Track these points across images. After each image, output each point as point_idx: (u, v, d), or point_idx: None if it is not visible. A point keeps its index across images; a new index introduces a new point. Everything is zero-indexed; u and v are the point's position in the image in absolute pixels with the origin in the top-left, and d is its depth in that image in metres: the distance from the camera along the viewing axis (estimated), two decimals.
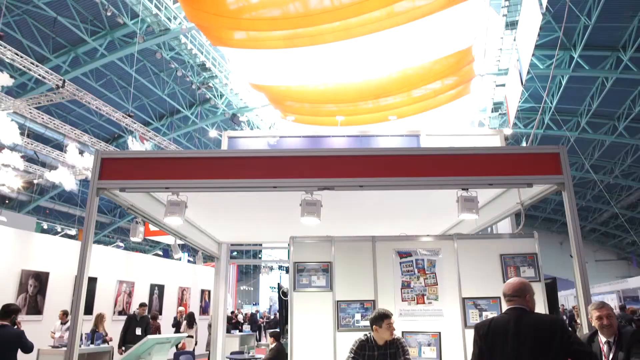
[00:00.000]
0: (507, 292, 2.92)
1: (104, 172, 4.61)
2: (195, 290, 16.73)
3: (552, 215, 31.30)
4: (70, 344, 4.20)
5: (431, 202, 6.54)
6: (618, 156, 21.14)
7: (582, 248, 4.22)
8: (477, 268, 5.26)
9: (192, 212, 6.79)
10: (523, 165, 4.54)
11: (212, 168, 4.57)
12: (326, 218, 4.91)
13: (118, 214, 28.31)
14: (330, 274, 5.29)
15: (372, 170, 4.46)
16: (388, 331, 3.68)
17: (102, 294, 12.20)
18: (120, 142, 21.16)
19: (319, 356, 5.05)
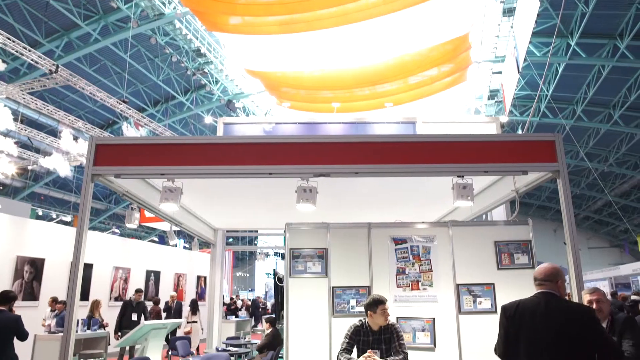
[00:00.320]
0: (538, 276, 2.87)
1: (98, 158, 4.59)
2: (191, 276, 16.80)
3: (547, 203, 31.49)
4: (67, 330, 4.22)
5: (427, 189, 6.57)
6: (613, 144, 21.23)
7: (575, 235, 4.26)
8: (472, 255, 5.31)
9: (187, 199, 6.79)
10: (518, 152, 4.55)
11: (208, 154, 4.56)
12: (322, 205, 4.92)
13: (113, 200, 28.24)
14: (326, 261, 5.32)
15: (367, 157, 4.46)
16: (383, 317, 3.71)
17: (98, 280, 12.23)
18: (115, 128, 21.03)
19: (314, 341, 5.10)
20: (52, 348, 6.32)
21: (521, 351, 2.65)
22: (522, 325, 2.69)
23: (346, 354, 3.58)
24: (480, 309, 5.13)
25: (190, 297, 16.25)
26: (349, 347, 3.69)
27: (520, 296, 3.19)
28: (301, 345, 5.11)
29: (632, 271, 24.36)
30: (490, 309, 5.11)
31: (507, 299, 5.01)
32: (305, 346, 5.10)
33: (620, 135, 20.25)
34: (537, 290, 2.84)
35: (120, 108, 16.91)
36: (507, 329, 2.77)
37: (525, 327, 2.68)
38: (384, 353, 3.63)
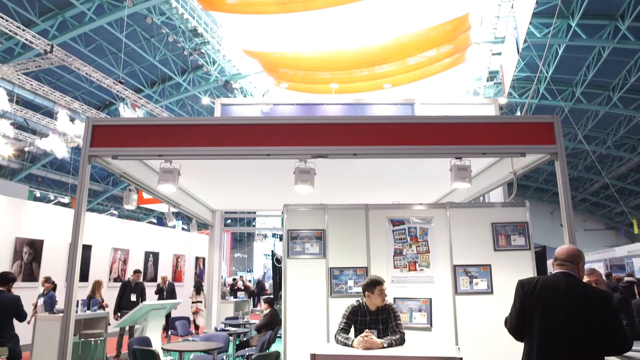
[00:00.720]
0: (560, 255, 2.86)
1: (95, 139, 4.57)
2: (190, 257, 16.89)
3: (544, 185, 31.58)
4: (67, 310, 4.25)
5: (424, 171, 6.57)
6: (611, 127, 21.20)
7: (572, 217, 4.28)
8: (469, 236, 5.34)
9: (185, 180, 6.79)
10: (517, 134, 4.55)
11: (205, 135, 4.54)
12: (320, 186, 4.93)
13: (111, 182, 28.20)
14: (324, 242, 5.34)
15: (366, 138, 4.45)
16: (380, 297, 3.75)
17: (97, 261, 12.29)
18: (112, 109, 20.87)
19: (312, 321, 5.16)
20: (52, 328, 6.38)
21: (534, 327, 2.67)
22: (539, 301, 2.70)
23: (344, 334, 3.62)
24: (476, 290, 5.18)
25: (190, 278, 16.37)
26: (346, 327, 3.73)
27: (517, 278, 3.21)
28: (299, 325, 5.17)
29: (627, 253, 24.57)
30: (487, 290, 5.16)
31: (504, 280, 5.09)
32: (303, 326, 5.16)
33: (618, 117, 20.21)
34: (557, 270, 2.83)
35: (117, 89, 16.75)
36: (522, 303, 2.77)
37: (542, 303, 2.69)
38: (381, 333, 3.67)
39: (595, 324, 2.58)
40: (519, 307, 2.80)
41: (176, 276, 15.90)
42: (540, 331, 2.65)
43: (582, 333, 2.57)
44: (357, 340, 3.37)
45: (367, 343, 3.30)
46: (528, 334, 2.72)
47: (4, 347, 5.05)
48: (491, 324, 4.94)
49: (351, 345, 3.39)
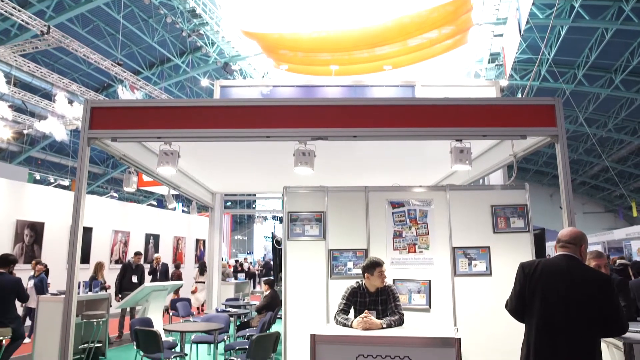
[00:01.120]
0: (562, 237, 2.86)
1: (94, 121, 4.55)
2: (190, 239, 16.98)
3: (544, 168, 31.59)
4: (69, 292, 4.29)
5: (424, 153, 6.57)
6: (612, 109, 21.11)
7: (571, 200, 4.28)
8: (468, 218, 5.35)
9: (185, 162, 6.78)
10: (518, 117, 4.52)
11: (205, 117, 4.52)
12: (320, 168, 4.92)
13: (111, 164, 28.18)
14: (324, 224, 5.36)
15: (366, 120, 4.43)
16: (379, 279, 3.77)
17: (98, 243, 12.36)
18: (110, 91, 20.75)
19: (312, 303, 5.20)
20: (55, 309, 6.45)
21: (534, 308, 2.69)
22: (540, 284, 2.72)
23: (343, 315, 3.66)
24: (475, 272, 5.21)
25: (190, 260, 16.49)
26: (346, 308, 3.76)
27: (515, 260, 3.23)
28: (299, 307, 5.22)
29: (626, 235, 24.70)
30: (485, 272, 5.20)
31: (502, 263, 5.12)
32: (303, 307, 5.21)
33: (620, 100, 20.10)
34: (559, 252, 2.84)
35: (115, 71, 16.62)
36: (523, 286, 2.79)
37: (542, 285, 2.71)
38: (380, 314, 3.71)
39: (595, 308, 2.60)
40: (519, 290, 2.81)
41: (177, 258, 16.02)
42: (540, 313, 2.67)
43: (581, 315, 2.59)
44: (356, 321, 3.40)
45: (367, 324, 3.33)
46: (528, 315, 2.74)
47: (7, 327, 5.11)
48: (489, 306, 4.99)
49: (350, 325, 3.42)
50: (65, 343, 4.21)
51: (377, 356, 3.00)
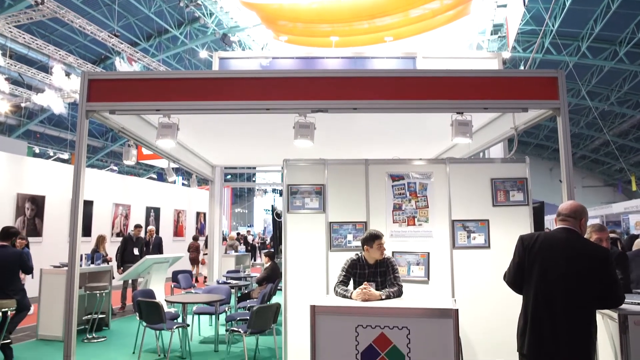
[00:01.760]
0: (563, 211, 2.86)
1: (92, 94, 4.50)
2: (191, 212, 17.06)
3: (544, 141, 31.48)
4: (71, 264, 4.33)
5: (425, 126, 6.53)
6: (616, 83, 20.88)
7: (571, 174, 4.28)
8: (468, 191, 5.36)
9: (184, 135, 6.75)
10: (519, 89, 4.48)
11: (204, 89, 4.47)
12: (319, 141, 4.90)
13: (110, 137, 28.07)
14: (323, 196, 5.37)
15: (366, 92, 4.38)
16: (379, 251, 3.80)
17: (99, 216, 12.43)
18: (108, 63, 20.48)
19: (312, 274, 5.26)
20: (58, 281, 6.53)
21: (533, 280, 2.72)
22: (539, 256, 2.74)
23: (343, 286, 3.70)
24: (474, 244, 5.25)
25: (191, 233, 16.60)
26: (345, 280, 3.81)
27: (514, 233, 3.25)
28: (299, 278, 5.28)
29: (624, 209, 24.80)
30: (484, 244, 5.24)
31: (501, 236, 5.16)
32: (303, 279, 5.27)
33: (624, 73, 19.87)
34: (559, 225, 2.85)
35: (112, 42, 16.37)
36: (522, 258, 2.81)
37: (541, 258, 2.73)
38: (379, 285, 3.75)
39: (593, 281, 2.62)
40: (518, 262, 2.84)
41: (177, 231, 16.13)
42: (538, 285, 2.70)
43: (578, 288, 2.62)
44: (355, 292, 3.44)
45: (366, 295, 3.37)
46: (526, 287, 2.77)
47: (12, 299, 5.18)
48: (488, 278, 5.05)
49: (350, 297, 3.47)
50: (70, 314, 4.28)
51: (376, 326, 3.05)
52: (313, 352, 3.11)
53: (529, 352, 2.68)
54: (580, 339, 2.58)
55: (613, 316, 2.85)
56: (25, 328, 6.84)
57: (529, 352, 2.67)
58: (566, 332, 2.58)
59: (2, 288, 5.21)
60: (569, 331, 2.58)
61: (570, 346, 2.57)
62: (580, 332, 2.59)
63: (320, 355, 3.10)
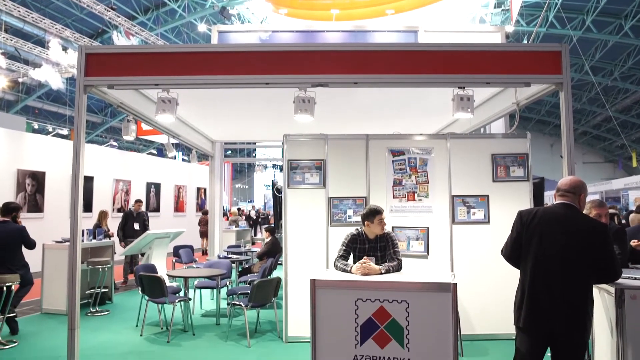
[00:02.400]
0: (562, 186, 2.86)
1: (89, 68, 4.44)
2: (191, 188, 17.09)
3: (546, 117, 31.29)
4: (73, 239, 4.35)
5: (426, 101, 6.48)
6: (620, 57, 20.63)
7: (572, 149, 4.26)
8: (468, 167, 5.36)
9: (183, 110, 6.70)
10: (522, 63, 4.41)
11: (203, 63, 4.41)
12: (320, 116, 4.86)
13: (109, 113, 27.90)
14: (324, 172, 5.37)
15: (367, 66, 4.32)
16: (379, 226, 3.81)
17: (100, 192, 12.45)
18: (105, 37, 20.19)
19: (312, 249, 5.31)
20: (61, 256, 6.58)
21: (531, 255, 2.74)
22: (537, 231, 2.75)
23: (343, 261, 3.73)
24: (473, 220, 5.28)
25: (192, 208, 16.68)
26: (345, 254, 3.83)
27: (513, 208, 3.25)
28: (300, 253, 5.33)
29: (624, 186, 24.83)
30: (483, 220, 5.27)
31: (501, 211, 5.18)
32: (304, 254, 5.32)
33: (628, 47, 19.60)
34: (558, 201, 2.85)
35: (109, 15, 16.11)
36: (520, 233, 2.82)
37: (540, 232, 2.73)
38: (379, 260, 3.78)
39: (591, 255, 2.64)
40: (515, 237, 2.85)
41: (178, 206, 16.19)
42: (536, 259, 2.71)
43: (576, 262, 2.63)
44: (355, 267, 3.47)
45: (366, 269, 3.40)
46: (524, 261, 2.79)
47: (15, 274, 5.23)
48: (486, 253, 5.10)
49: (350, 271, 3.49)
50: (73, 288, 4.32)
51: (376, 300, 3.08)
52: (313, 325, 3.15)
53: (525, 326, 2.71)
54: (577, 312, 2.61)
55: (610, 290, 2.88)
56: (30, 302, 6.94)
57: (525, 325, 2.71)
58: (562, 306, 2.61)
59: (4, 263, 5.27)
60: (565, 305, 2.61)
61: (566, 320, 2.61)
62: (576, 306, 2.61)
63: (320, 328, 3.15)
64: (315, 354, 3.14)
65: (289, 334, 5.25)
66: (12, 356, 4.77)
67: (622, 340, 2.78)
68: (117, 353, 4.90)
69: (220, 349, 5.03)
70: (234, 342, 5.26)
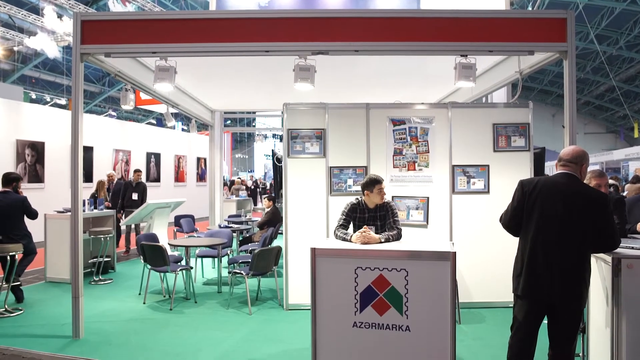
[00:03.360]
0: (564, 156, 2.84)
1: (85, 36, 4.37)
2: (191, 158, 17.09)
3: (548, 87, 30.96)
4: (74, 209, 4.38)
5: (428, 70, 6.40)
6: (626, 26, 20.24)
7: (575, 119, 4.23)
8: (469, 136, 5.33)
9: (182, 79, 6.64)
10: (526, 30, 4.33)
11: (201, 31, 4.33)
12: (320, 85, 4.81)
13: (107, 82, 27.60)
14: (324, 141, 5.35)
15: (368, 33, 4.25)
16: (379, 196, 3.81)
17: (100, 162, 12.45)
18: (101, 4, 19.75)
19: (312, 218, 5.34)
20: (63, 226, 6.63)
21: (531, 224, 2.74)
22: (538, 201, 2.75)
23: (342, 230, 3.75)
24: (473, 190, 5.29)
25: (192, 178, 16.71)
26: (345, 224, 3.85)
27: (514, 178, 3.25)
28: (300, 222, 5.36)
29: (625, 156, 24.83)
30: (483, 190, 5.28)
31: (501, 181, 5.18)
32: (304, 223, 5.35)
33: (635, 15, 19.20)
34: (560, 170, 2.84)
35: None
36: (520, 202, 2.82)
37: (541, 202, 2.74)
38: (378, 229, 3.80)
39: (590, 224, 2.65)
40: (516, 206, 2.85)
41: (178, 176, 16.22)
42: (536, 228, 2.72)
43: (575, 232, 2.65)
44: (355, 236, 3.49)
45: (365, 238, 3.42)
46: (524, 231, 2.80)
47: (18, 244, 5.28)
48: (486, 223, 5.13)
49: (350, 240, 3.52)
50: (75, 257, 4.38)
51: (375, 268, 3.11)
52: (313, 293, 3.19)
53: (523, 294, 2.75)
54: (575, 281, 2.64)
55: (607, 260, 2.90)
56: (34, 271, 7.03)
57: (524, 293, 2.74)
58: (560, 275, 2.64)
59: (7, 233, 5.31)
60: (563, 273, 2.64)
61: (564, 288, 2.64)
62: (575, 274, 2.64)
63: (320, 296, 3.19)
64: (315, 321, 3.20)
65: (289, 301, 5.34)
66: (19, 323, 4.87)
67: (617, 309, 2.83)
68: (121, 320, 4.99)
69: (222, 316, 5.13)
70: (235, 310, 5.35)
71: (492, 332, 4.54)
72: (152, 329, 4.68)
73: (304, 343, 4.11)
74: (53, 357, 3.89)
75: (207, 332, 4.57)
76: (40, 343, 4.24)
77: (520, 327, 2.84)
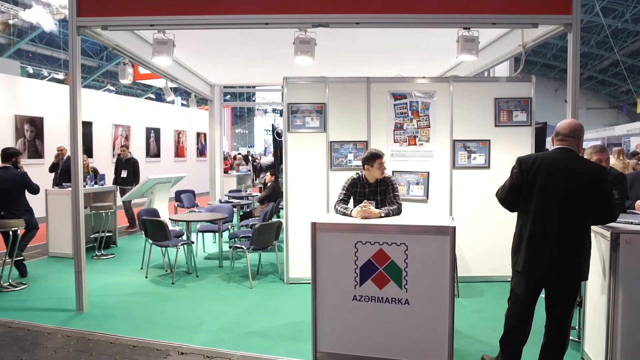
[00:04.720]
0: (562, 130, 2.82)
1: (81, 8, 4.30)
2: (191, 133, 17.02)
3: (552, 61, 30.58)
4: (75, 184, 4.38)
5: (430, 43, 6.31)
6: None
7: (577, 94, 4.19)
8: (470, 111, 5.29)
9: (181, 52, 6.55)
10: (530, 3, 4.25)
11: (200, 3, 4.25)
12: (321, 58, 4.75)
13: (105, 57, 27.26)
14: (324, 115, 5.31)
15: (369, 5, 4.17)
16: (379, 170, 3.81)
17: (99, 138, 12.41)
18: None
19: (313, 193, 5.35)
20: (64, 201, 6.65)
21: (532, 200, 2.74)
22: (537, 177, 2.75)
23: (343, 204, 3.76)
24: (473, 165, 5.28)
25: (192, 154, 16.67)
26: (345, 198, 3.86)
27: (515, 153, 3.23)
28: (300, 197, 5.37)
29: (627, 132, 24.70)
30: (484, 165, 5.27)
31: (502, 156, 5.17)
32: (304, 198, 5.36)
33: None
34: (558, 145, 2.82)
35: None
36: (519, 180, 2.82)
37: (540, 178, 2.73)
38: (379, 204, 3.81)
39: (589, 197, 2.65)
40: (513, 183, 2.84)
41: (178, 151, 16.19)
42: (536, 204, 2.72)
43: (575, 207, 2.65)
44: (355, 210, 3.50)
45: (365, 212, 3.43)
46: (524, 206, 2.80)
47: (20, 219, 5.31)
48: (486, 198, 5.12)
49: (350, 214, 3.53)
50: (77, 232, 4.40)
51: (375, 243, 3.13)
52: (314, 267, 3.23)
53: (522, 269, 2.77)
54: (574, 256, 2.66)
55: (605, 234, 2.92)
56: (37, 246, 7.08)
57: (523, 268, 2.76)
58: (560, 250, 2.66)
59: (8, 208, 5.33)
60: (563, 248, 2.66)
61: (564, 264, 2.66)
62: (574, 249, 2.66)
63: (320, 270, 3.23)
64: (315, 295, 3.24)
65: (290, 275, 5.39)
66: (24, 297, 4.93)
67: (614, 283, 2.86)
68: (123, 294, 5.05)
69: (223, 290, 5.19)
70: (236, 284, 5.42)
71: (490, 305, 4.60)
72: (154, 303, 4.74)
73: (304, 316, 4.17)
74: (58, 330, 3.96)
75: (209, 306, 4.63)
76: (45, 316, 4.30)
77: (517, 301, 2.87)
